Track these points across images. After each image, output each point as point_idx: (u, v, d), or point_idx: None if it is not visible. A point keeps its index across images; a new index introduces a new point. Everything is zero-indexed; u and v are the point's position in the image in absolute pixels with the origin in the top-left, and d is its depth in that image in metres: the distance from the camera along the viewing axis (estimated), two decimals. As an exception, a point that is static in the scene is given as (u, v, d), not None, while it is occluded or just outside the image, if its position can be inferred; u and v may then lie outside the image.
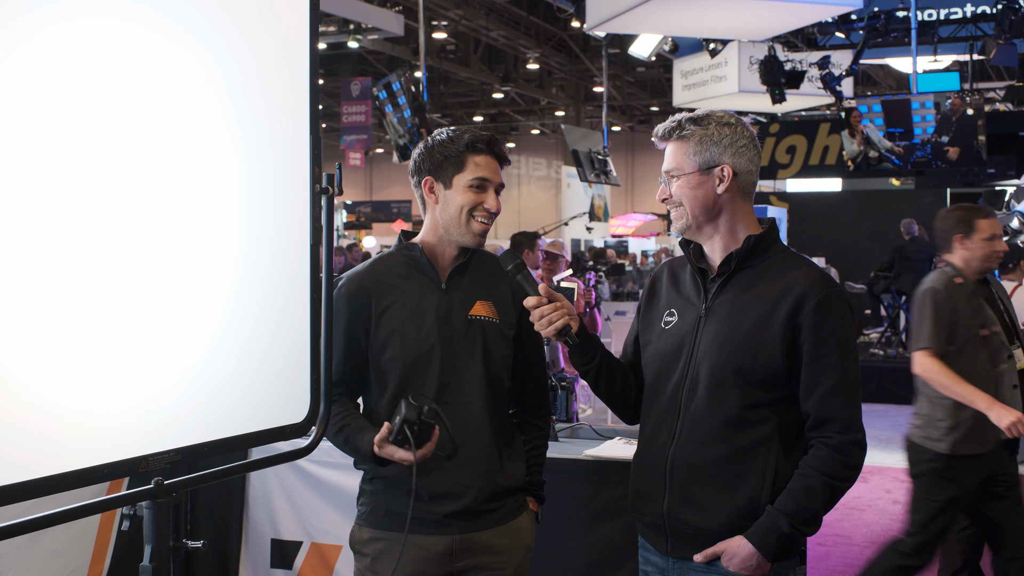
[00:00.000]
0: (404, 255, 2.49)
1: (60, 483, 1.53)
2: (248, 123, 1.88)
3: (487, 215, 2.42)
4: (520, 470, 2.51)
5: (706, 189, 2.20)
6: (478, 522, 2.40)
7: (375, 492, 2.45)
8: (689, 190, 2.20)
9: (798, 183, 19.57)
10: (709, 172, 2.19)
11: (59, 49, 1.51)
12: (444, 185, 2.43)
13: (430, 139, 2.47)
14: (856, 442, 2.13)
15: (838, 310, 2.15)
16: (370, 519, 2.46)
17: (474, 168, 2.41)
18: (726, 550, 2.13)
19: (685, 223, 2.23)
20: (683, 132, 2.22)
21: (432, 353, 2.39)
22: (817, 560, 5.26)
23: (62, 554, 3.49)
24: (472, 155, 2.41)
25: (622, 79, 25.14)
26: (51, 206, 1.50)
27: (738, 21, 10.00)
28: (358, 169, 20.26)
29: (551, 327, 2.23)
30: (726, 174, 2.19)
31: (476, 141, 2.42)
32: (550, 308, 2.23)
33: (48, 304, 1.50)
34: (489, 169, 2.42)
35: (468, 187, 2.40)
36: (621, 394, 2.39)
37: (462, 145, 2.41)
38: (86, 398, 1.57)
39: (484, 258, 2.55)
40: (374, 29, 16.18)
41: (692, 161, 2.20)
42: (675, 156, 2.23)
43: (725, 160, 2.20)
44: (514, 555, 2.46)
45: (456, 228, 2.43)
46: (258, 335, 1.92)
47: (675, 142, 2.24)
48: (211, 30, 1.78)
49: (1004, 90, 16.40)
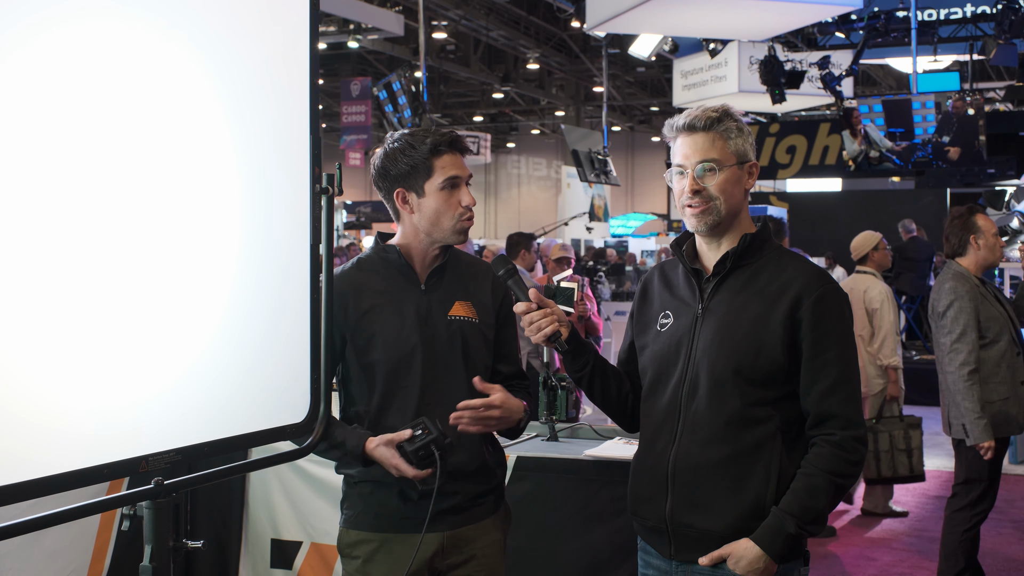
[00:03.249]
0: (381, 257, 2.50)
1: (60, 483, 1.53)
2: (248, 123, 1.88)
3: (468, 212, 2.44)
4: (500, 467, 2.57)
5: (741, 184, 2.20)
6: (464, 517, 2.44)
7: (362, 495, 2.46)
8: (730, 185, 2.17)
9: (798, 183, 19.59)
10: (743, 167, 2.19)
11: (59, 51, 1.51)
12: (417, 194, 2.43)
13: (387, 147, 2.46)
14: (858, 438, 2.13)
15: (836, 306, 2.15)
16: (358, 522, 2.47)
17: (442, 170, 2.41)
18: (732, 553, 2.11)
19: (716, 218, 2.17)
20: (725, 124, 2.17)
21: (414, 354, 2.41)
22: (819, 560, 5.26)
23: (62, 554, 3.49)
24: (437, 157, 2.41)
25: (622, 79, 25.13)
26: (51, 207, 1.50)
27: (738, 21, 9.99)
28: (358, 169, 20.23)
29: (540, 334, 2.21)
30: (755, 171, 2.21)
31: (438, 144, 2.41)
32: (540, 315, 2.22)
33: (48, 304, 1.50)
34: (456, 166, 2.43)
35: (440, 190, 2.41)
36: (617, 400, 2.37)
37: (425, 151, 2.40)
38: (86, 398, 1.57)
39: (460, 258, 2.56)
40: (374, 29, 16.17)
41: (733, 154, 2.17)
42: (715, 147, 2.16)
43: (752, 156, 2.21)
44: (493, 548, 2.50)
45: (438, 231, 2.44)
46: (258, 335, 1.92)
47: (715, 133, 2.17)
48: (211, 30, 1.78)
49: (1004, 90, 16.40)
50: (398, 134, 2.48)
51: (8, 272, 1.44)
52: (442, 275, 2.49)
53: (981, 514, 4.29)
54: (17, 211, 1.45)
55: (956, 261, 4.26)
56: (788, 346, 2.12)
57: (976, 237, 4.22)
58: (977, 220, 4.26)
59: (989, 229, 4.25)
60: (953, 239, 4.28)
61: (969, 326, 4.08)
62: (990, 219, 4.29)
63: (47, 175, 1.49)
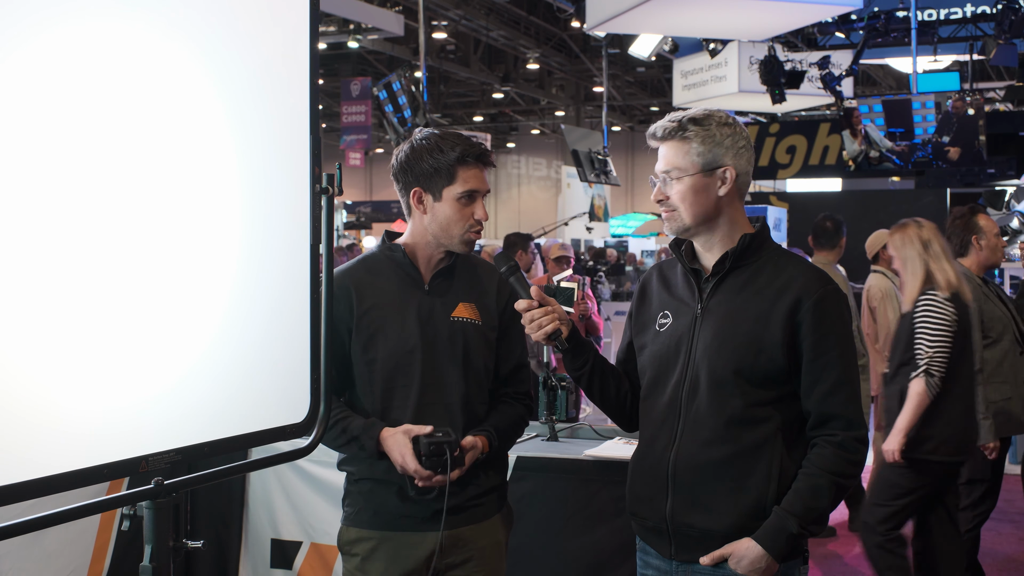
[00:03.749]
0: (387, 256, 2.50)
1: (60, 483, 1.53)
2: (248, 123, 1.88)
3: (480, 226, 2.44)
4: (500, 468, 2.56)
5: (708, 192, 2.17)
6: (462, 518, 2.44)
7: (362, 492, 2.47)
8: (691, 193, 2.16)
9: (798, 183, 19.58)
10: (712, 174, 2.17)
11: (59, 51, 1.51)
12: (433, 197, 2.42)
13: (415, 142, 2.44)
14: (859, 439, 2.14)
15: (835, 308, 2.15)
16: (358, 519, 2.47)
17: (464, 181, 2.40)
18: (734, 552, 2.12)
19: (681, 225, 2.20)
20: (685, 132, 2.17)
21: (414, 354, 2.41)
22: (819, 559, 5.26)
23: (62, 554, 3.49)
24: (463, 168, 2.40)
25: (622, 79, 25.12)
26: (51, 207, 1.50)
27: (738, 21, 9.98)
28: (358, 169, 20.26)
29: (540, 332, 2.22)
30: (728, 176, 2.17)
31: (467, 155, 2.40)
32: (540, 312, 2.23)
33: (48, 304, 1.50)
34: (478, 180, 2.42)
35: (457, 200, 2.40)
36: (615, 399, 2.38)
37: (453, 158, 2.39)
38: (86, 398, 1.57)
39: (470, 261, 2.56)
40: (374, 29, 16.17)
41: (694, 162, 2.16)
42: (675, 157, 2.18)
43: (728, 161, 2.17)
44: (492, 550, 2.50)
45: (447, 238, 2.44)
46: (258, 335, 1.92)
47: (676, 142, 2.18)
48: (211, 30, 1.78)
49: (1004, 90, 16.40)
50: (428, 131, 2.47)
51: (8, 272, 1.44)
52: (447, 276, 2.49)
53: (983, 514, 4.30)
54: (17, 211, 1.45)
55: (958, 262, 4.28)
56: (788, 347, 2.12)
57: (978, 237, 4.24)
58: (979, 220, 4.28)
59: (991, 230, 4.26)
60: (955, 239, 4.30)
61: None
62: (992, 219, 4.30)
63: (46, 174, 1.49)
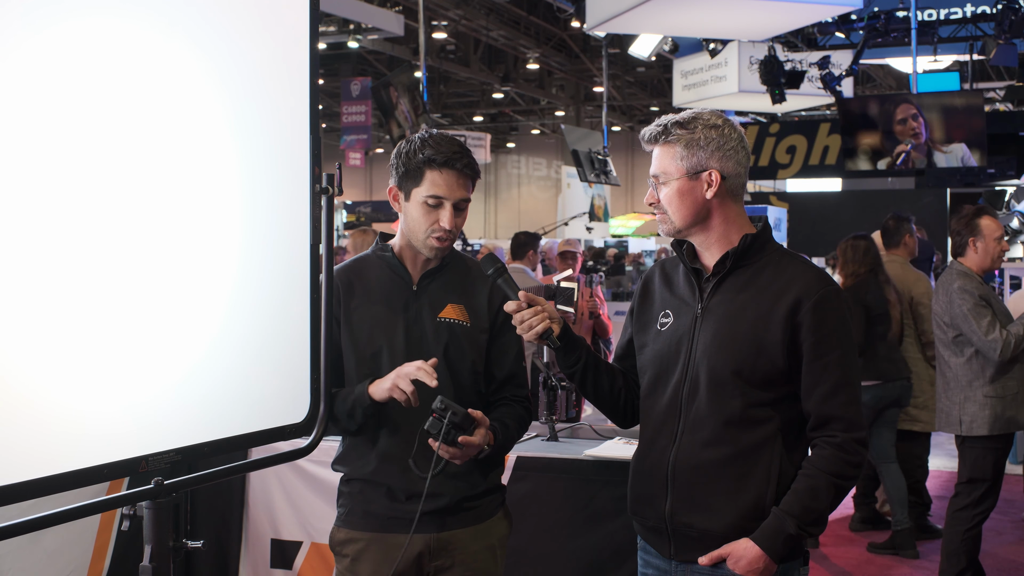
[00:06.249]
0: (378, 256, 2.50)
1: (60, 483, 1.53)
2: (248, 123, 1.88)
3: (443, 233, 2.37)
4: (498, 470, 2.53)
5: (694, 194, 2.17)
6: (453, 521, 2.41)
7: (352, 493, 2.46)
8: (677, 196, 2.18)
9: (798, 183, 19.58)
10: (697, 177, 2.17)
11: (59, 51, 1.51)
12: (404, 196, 2.41)
13: (405, 141, 2.43)
14: (859, 440, 2.13)
15: (837, 308, 2.15)
16: (348, 520, 2.46)
17: (430, 185, 2.35)
18: (732, 552, 2.11)
19: (672, 228, 2.22)
20: (669, 136, 2.18)
21: (396, 353, 2.39)
22: (819, 560, 5.26)
23: (62, 554, 3.49)
24: (429, 170, 2.35)
25: (622, 79, 25.12)
26: (51, 207, 1.50)
27: (738, 21, 9.98)
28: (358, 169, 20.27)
29: (531, 331, 2.22)
30: (714, 179, 2.16)
31: (434, 157, 2.34)
32: (530, 313, 2.22)
33: (48, 304, 1.50)
34: (447, 186, 2.35)
35: (422, 203, 2.36)
36: (609, 396, 2.38)
37: (420, 160, 2.35)
38: (86, 398, 1.57)
39: (464, 262, 2.54)
40: (374, 29, 16.16)
41: (679, 166, 2.17)
42: (662, 161, 2.20)
43: (712, 164, 2.17)
44: (489, 554, 2.47)
45: (415, 239, 2.42)
46: (258, 335, 1.93)
47: (661, 146, 2.20)
48: (211, 31, 1.79)
49: (1004, 90, 16.40)
50: (426, 132, 2.45)
51: (8, 272, 1.45)
52: (436, 277, 2.47)
53: (983, 513, 4.30)
54: (17, 211, 1.45)
55: (958, 260, 4.28)
56: (788, 348, 2.12)
57: (975, 240, 4.19)
58: (980, 223, 4.22)
59: (992, 234, 4.19)
60: (956, 238, 4.29)
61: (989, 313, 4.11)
62: (997, 223, 4.24)
63: (47, 174, 1.49)
